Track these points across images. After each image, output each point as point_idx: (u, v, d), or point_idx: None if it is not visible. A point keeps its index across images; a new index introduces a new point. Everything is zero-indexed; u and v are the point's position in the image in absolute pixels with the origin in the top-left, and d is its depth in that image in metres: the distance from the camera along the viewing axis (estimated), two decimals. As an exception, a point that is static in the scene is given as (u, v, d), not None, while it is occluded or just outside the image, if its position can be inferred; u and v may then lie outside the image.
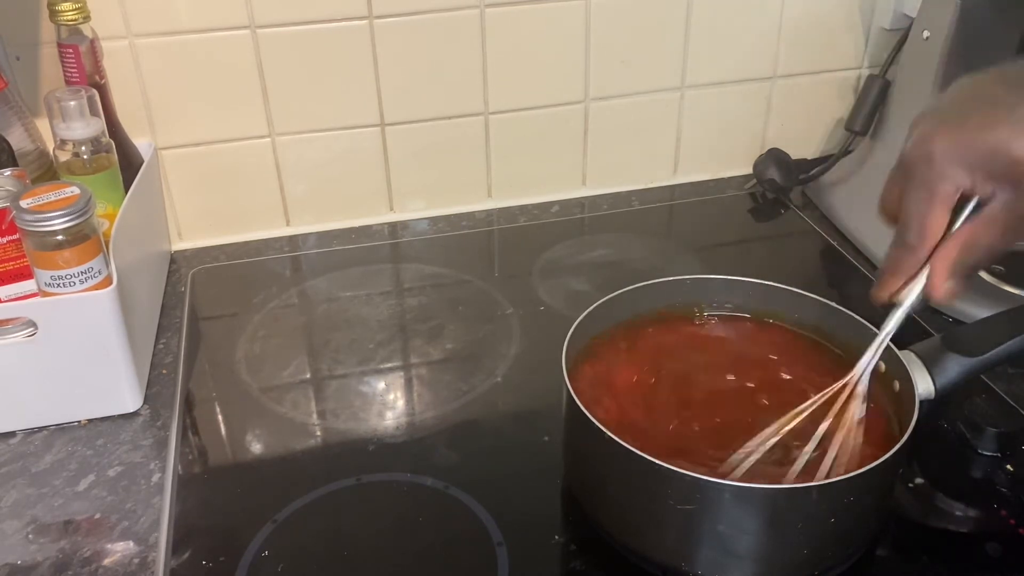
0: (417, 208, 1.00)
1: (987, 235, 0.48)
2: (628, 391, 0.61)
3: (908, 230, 0.50)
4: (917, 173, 0.48)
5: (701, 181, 1.06)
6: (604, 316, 0.64)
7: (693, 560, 0.53)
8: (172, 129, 0.89)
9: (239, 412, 0.73)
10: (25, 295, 0.69)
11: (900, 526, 0.60)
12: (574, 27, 0.94)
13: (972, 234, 0.48)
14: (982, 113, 0.46)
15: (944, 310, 0.80)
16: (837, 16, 1.00)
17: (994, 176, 0.46)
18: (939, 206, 0.48)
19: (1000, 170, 0.46)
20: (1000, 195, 0.47)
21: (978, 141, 0.46)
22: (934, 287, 0.50)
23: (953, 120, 0.48)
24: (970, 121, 0.47)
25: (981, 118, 0.46)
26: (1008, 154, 0.45)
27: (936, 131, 0.48)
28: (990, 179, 0.47)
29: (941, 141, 0.47)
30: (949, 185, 0.47)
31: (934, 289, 0.50)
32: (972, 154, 0.46)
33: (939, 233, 0.49)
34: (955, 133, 0.47)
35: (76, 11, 0.74)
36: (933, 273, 0.50)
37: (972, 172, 0.47)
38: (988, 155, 0.46)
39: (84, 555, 0.59)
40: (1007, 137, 0.45)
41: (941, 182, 0.47)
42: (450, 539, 0.60)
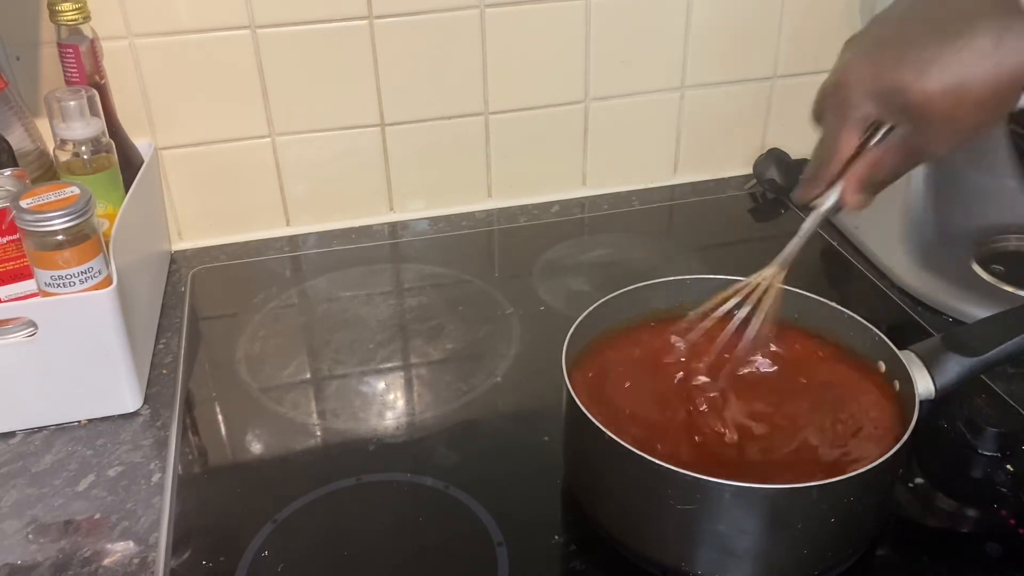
0: (417, 208, 1.00)
1: (890, 159, 0.53)
2: (628, 391, 0.61)
3: (823, 147, 0.55)
4: (835, 97, 0.54)
5: (701, 181, 1.06)
6: (604, 316, 0.64)
7: (693, 560, 0.53)
8: (172, 129, 0.89)
9: (239, 412, 0.73)
10: (25, 295, 0.69)
11: (900, 526, 0.60)
12: (574, 27, 0.94)
13: (879, 156, 0.53)
14: (895, 50, 0.50)
15: (944, 310, 0.80)
16: (837, 16, 1.00)
17: (896, 110, 0.51)
18: (848, 129, 0.53)
19: (899, 106, 0.50)
20: (901, 126, 0.51)
21: (886, 77, 0.50)
22: (846, 197, 0.56)
23: (871, 53, 0.52)
24: (885, 55, 0.51)
25: (893, 54, 0.50)
26: (908, 93, 0.49)
27: (855, 61, 0.53)
28: (893, 112, 0.51)
29: (857, 71, 0.52)
30: (858, 112, 0.52)
31: (846, 198, 0.56)
32: (879, 88, 0.51)
33: (847, 150, 0.54)
34: (869, 66, 0.51)
35: (76, 11, 0.74)
36: (846, 186, 0.55)
37: (878, 104, 0.51)
38: (891, 91, 0.50)
39: (84, 555, 0.59)
40: (911, 77, 0.49)
41: (851, 109, 0.52)
42: (450, 539, 0.60)
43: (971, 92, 0.48)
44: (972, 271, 0.82)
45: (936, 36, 0.49)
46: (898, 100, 0.50)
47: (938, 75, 0.48)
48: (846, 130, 0.53)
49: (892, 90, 0.50)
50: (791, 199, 1.02)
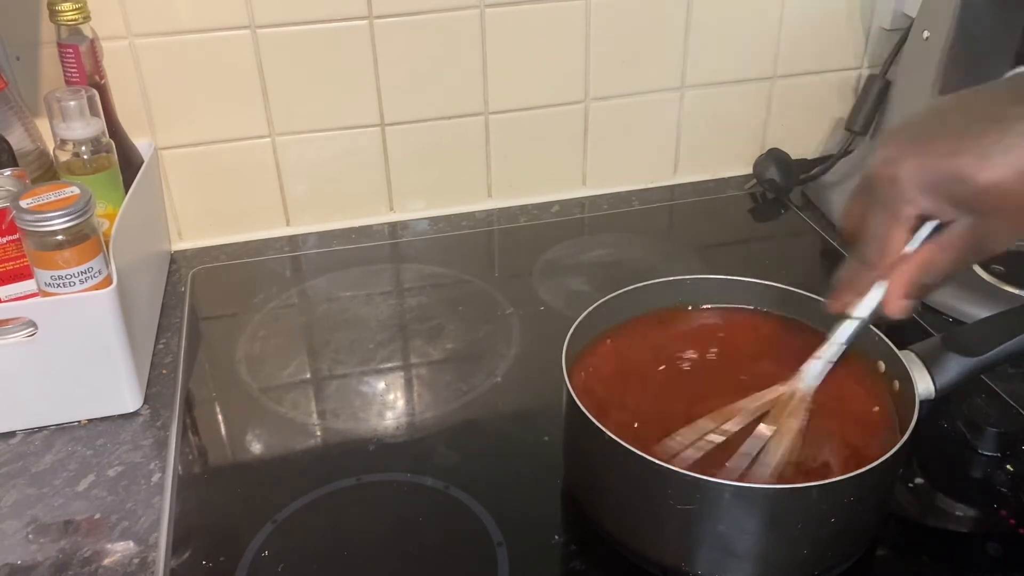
0: (417, 208, 1.00)
1: (944, 258, 0.49)
2: (628, 391, 0.61)
3: (868, 248, 0.51)
4: (881, 193, 0.50)
5: (701, 181, 1.06)
6: (604, 316, 0.64)
7: (693, 560, 0.53)
8: (172, 129, 0.89)
9: (239, 412, 0.73)
10: (25, 295, 0.69)
11: (900, 526, 0.60)
12: (574, 27, 0.94)
13: (930, 256, 0.50)
14: (948, 138, 0.47)
15: (944, 310, 0.80)
16: (837, 16, 1.00)
17: (956, 202, 0.47)
18: (900, 227, 0.49)
19: (962, 197, 0.47)
20: (960, 221, 0.48)
21: (943, 167, 0.47)
22: (890, 304, 0.51)
23: (920, 143, 0.49)
24: (936, 146, 0.48)
25: (947, 143, 0.47)
26: (971, 182, 0.46)
27: (902, 153, 0.49)
28: (952, 205, 0.48)
29: (907, 164, 0.48)
30: (911, 208, 0.49)
31: (890, 306, 0.51)
32: (936, 179, 0.47)
33: (898, 251, 0.50)
34: (921, 157, 0.48)
35: (76, 11, 0.74)
36: (890, 290, 0.51)
37: (935, 197, 0.48)
38: (951, 181, 0.47)
39: (84, 555, 0.59)
40: (971, 165, 0.46)
41: (904, 204, 0.49)
42: (450, 539, 0.60)
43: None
44: (972, 271, 0.82)
45: (993, 121, 0.46)
46: (961, 190, 0.46)
47: (1004, 159, 0.45)
48: (896, 229, 0.49)
49: (953, 180, 0.46)
50: (791, 199, 1.02)
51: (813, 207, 1.01)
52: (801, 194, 1.03)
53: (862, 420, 0.58)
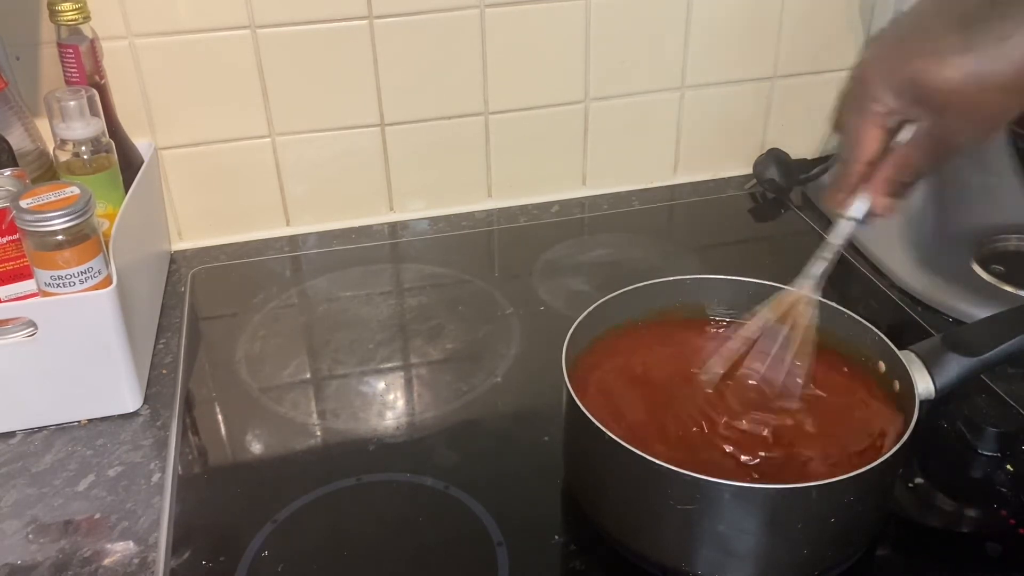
0: (417, 208, 1.00)
1: (915, 157, 0.51)
2: (628, 391, 0.61)
3: (845, 146, 0.54)
4: (854, 94, 0.53)
5: (701, 181, 1.06)
6: (604, 316, 0.64)
7: (693, 560, 0.53)
8: (172, 129, 0.89)
9: (239, 412, 0.73)
10: (25, 295, 0.69)
11: (900, 526, 0.60)
12: (574, 27, 0.94)
13: (903, 155, 0.52)
14: (915, 40, 0.50)
15: (944, 310, 0.80)
16: (837, 16, 1.00)
17: (916, 102, 0.50)
18: (870, 125, 0.52)
19: (920, 97, 0.49)
20: (924, 120, 0.50)
21: (905, 68, 0.49)
22: (875, 201, 0.54)
23: (890, 47, 0.51)
24: (902, 49, 0.50)
25: (912, 46, 0.50)
26: (927, 82, 0.48)
27: (874, 56, 0.52)
28: (914, 104, 0.50)
29: (876, 66, 0.51)
30: (879, 106, 0.51)
31: (875, 202, 0.54)
32: (898, 80, 0.50)
33: (872, 149, 0.52)
34: (888, 60, 0.51)
35: (76, 11, 0.74)
36: (875, 191, 0.53)
37: (899, 96, 0.50)
38: (911, 82, 0.49)
39: (84, 555, 0.59)
40: (929, 67, 0.48)
41: (871, 103, 0.51)
42: (450, 539, 0.60)
43: (993, 77, 0.47)
44: (972, 271, 0.82)
45: (954, 25, 0.48)
46: (918, 90, 0.49)
47: (958, 62, 0.47)
48: (867, 127, 0.52)
49: (911, 81, 0.49)
50: (791, 199, 1.02)
51: (813, 207, 1.00)
52: (801, 194, 1.03)
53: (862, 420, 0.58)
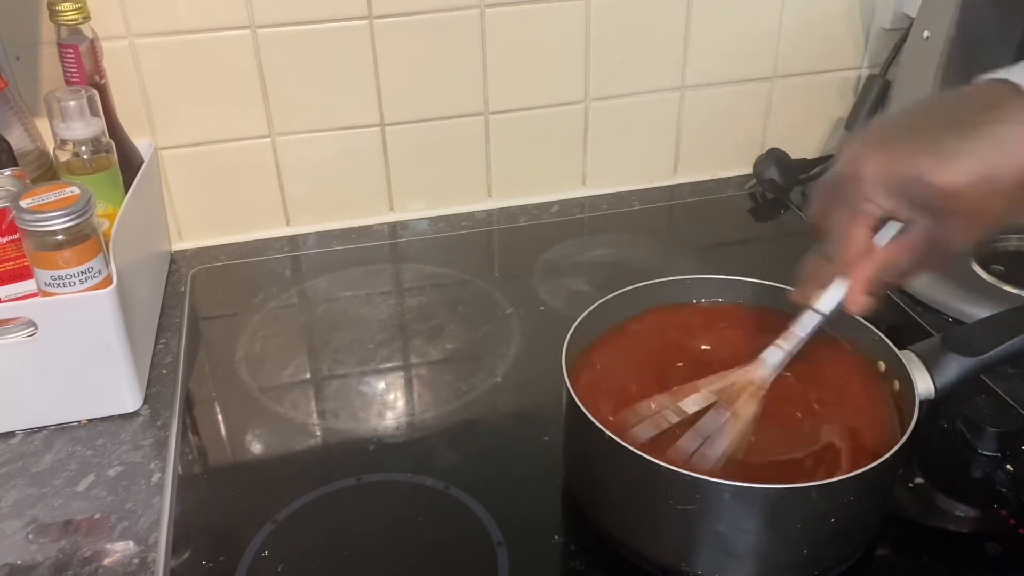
0: (417, 208, 1.00)
1: (904, 258, 0.50)
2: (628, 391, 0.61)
3: (831, 244, 0.52)
4: (844, 192, 0.51)
5: (701, 181, 1.06)
6: (604, 316, 0.64)
7: (693, 560, 0.53)
8: (172, 129, 0.89)
9: (239, 412, 0.73)
10: (25, 295, 0.69)
11: (900, 526, 0.60)
12: (574, 27, 0.94)
13: (891, 255, 0.51)
14: (911, 140, 0.48)
15: (944, 310, 0.80)
16: (837, 16, 1.00)
17: (914, 203, 0.48)
18: (861, 225, 0.51)
19: (920, 199, 0.48)
20: (919, 222, 0.49)
21: (903, 169, 0.48)
22: (851, 300, 0.52)
23: (883, 145, 0.50)
24: (899, 147, 0.49)
25: (910, 145, 0.48)
26: (928, 184, 0.47)
27: (866, 154, 0.50)
28: (910, 205, 0.49)
29: (870, 163, 0.49)
30: (872, 207, 0.50)
31: (851, 302, 0.52)
32: (896, 180, 0.48)
33: (859, 250, 0.51)
34: (883, 157, 0.49)
35: (76, 11, 0.74)
36: (852, 287, 0.52)
37: (895, 197, 0.49)
38: (910, 183, 0.48)
39: (84, 555, 0.59)
40: (929, 168, 0.47)
41: (864, 203, 0.50)
42: (450, 539, 0.60)
43: (998, 182, 0.46)
44: (972, 271, 0.82)
45: (955, 127, 0.47)
46: (919, 192, 0.47)
47: (963, 165, 0.46)
48: (857, 227, 0.50)
49: (912, 181, 0.47)
50: (791, 199, 1.02)
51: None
52: (801, 194, 1.03)
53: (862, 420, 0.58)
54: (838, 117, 1.05)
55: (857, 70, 1.03)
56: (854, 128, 0.97)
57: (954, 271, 0.82)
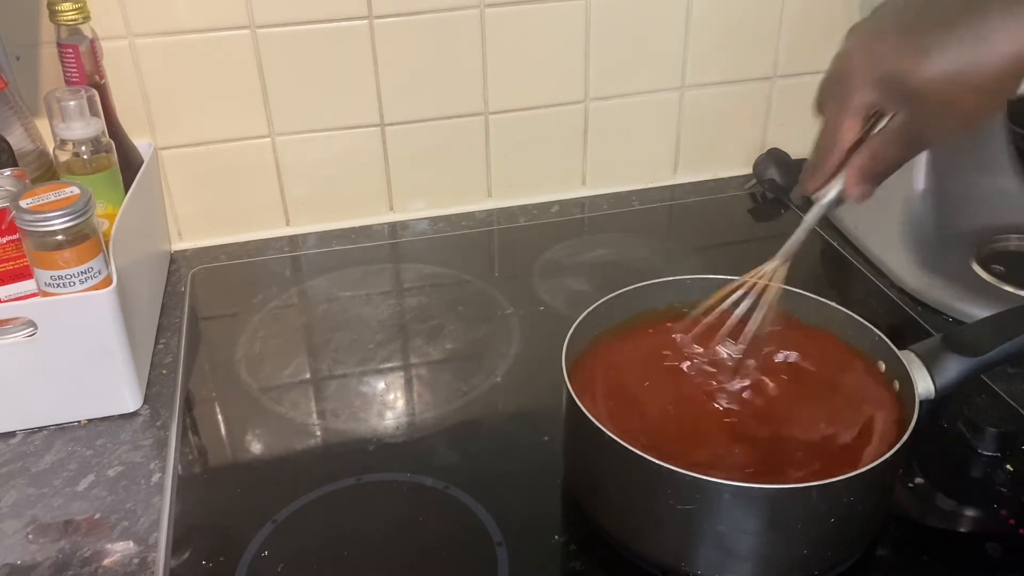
0: (417, 208, 1.00)
1: (891, 148, 0.52)
2: (628, 391, 0.61)
3: (824, 135, 0.55)
4: (835, 84, 0.54)
5: (701, 181, 1.06)
6: (604, 316, 0.64)
7: (693, 560, 0.53)
8: (172, 129, 0.89)
9: (239, 412, 0.73)
10: (25, 295, 0.69)
11: (900, 526, 0.60)
12: (574, 27, 0.94)
13: (879, 145, 0.53)
14: (897, 34, 0.50)
15: (944, 310, 0.80)
16: (837, 16, 1.00)
17: (896, 97, 0.50)
18: (848, 116, 0.53)
19: (899, 91, 0.50)
20: (901, 114, 0.51)
21: (886, 63, 0.50)
22: (848, 188, 0.55)
23: (871, 40, 0.52)
24: (884, 43, 0.51)
25: (895, 39, 0.50)
26: (907, 78, 0.49)
27: (856, 49, 0.52)
28: (893, 98, 0.51)
29: (857, 59, 0.52)
30: (857, 99, 0.52)
31: (848, 190, 0.55)
32: (879, 75, 0.51)
33: (849, 139, 0.53)
34: (869, 54, 0.51)
35: (76, 11, 0.74)
36: (847, 177, 0.55)
37: (878, 90, 0.51)
38: (891, 77, 0.50)
39: (84, 555, 0.59)
40: (910, 62, 0.49)
41: (851, 95, 0.52)
42: (450, 539, 0.60)
43: (970, 77, 0.47)
44: (972, 271, 0.82)
45: (936, 21, 0.48)
46: (897, 86, 0.49)
47: (937, 60, 0.48)
48: (846, 118, 0.53)
49: (891, 76, 0.50)
50: (791, 198, 1.02)
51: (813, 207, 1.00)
52: (801, 194, 1.03)
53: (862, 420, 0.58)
54: (838, 117, 1.05)
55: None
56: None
57: (954, 271, 0.83)
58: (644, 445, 0.52)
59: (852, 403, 0.59)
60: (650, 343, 0.65)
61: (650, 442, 0.56)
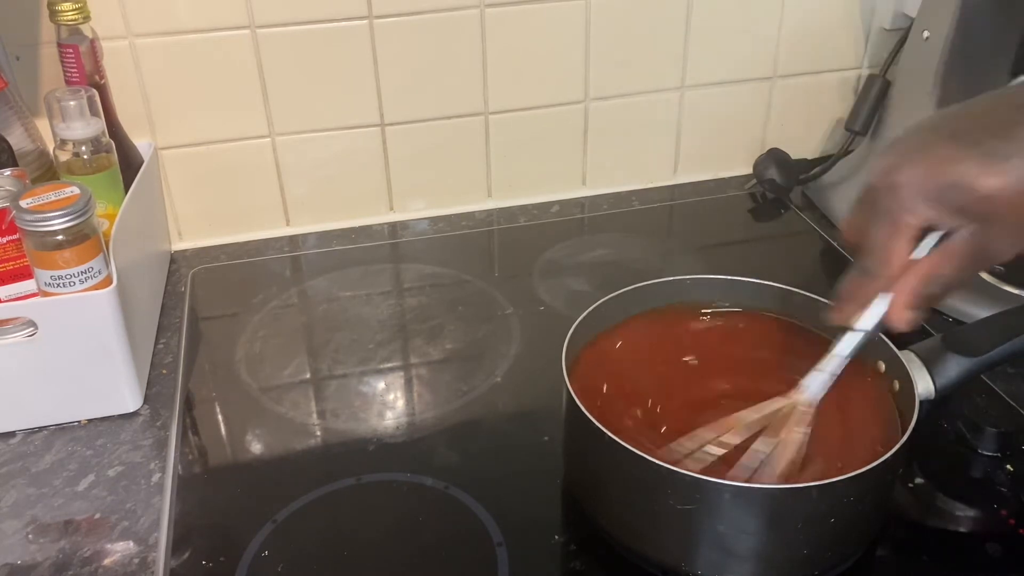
0: (417, 208, 1.00)
1: (949, 267, 0.49)
2: (628, 391, 0.61)
3: (871, 259, 0.50)
4: (882, 204, 0.49)
5: (701, 181, 1.06)
6: (604, 316, 0.64)
7: (693, 560, 0.53)
8: (172, 129, 0.89)
9: (239, 412, 0.73)
10: (25, 295, 0.69)
11: (900, 526, 0.60)
12: (574, 27, 0.94)
13: (934, 266, 0.49)
14: (949, 145, 0.47)
15: (944, 310, 0.80)
16: (837, 16, 1.00)
17: (957, 210, 0.47)
18: (903, 237, 0.49)
19: (964, 204, 0.46)
20: (963, 229, 0.47)
21: (943, 174, 0.46)
22: (895, 316, 0.50)
23: (919, 152, 0.48)
24: (936, 154, 0.47)
25: (948, 150, 0.46)
26: (972, 189, 0.45)
27: (902, 162, 0.48)
28: (953, 213, 0.47)
29: (907, 173, 0.48)
30: (913, 217, 0.48)
31: (895, 318, 0.50)
32: (937, 187, 0.47)
33: (901, 262, 0.49)
34: (921, 165, 0.47)
35: (76, 11, 0.74)
36: (895, 302, 0.50)
37: (936, 205, 0.47)
38: (952, 189, 0.46)
39: (84, 555, 0.59)
40: (971, 171, 0.45)
41: (905, 214, 0.48)
42: (450, 539, 0.60)
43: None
44: (972, 271, 0.82)
45: (994, 129, 0.45)
46: (963, 198, 0.46)
47: (1006, 166, 0.44)
48: (898, 239, 0.48)
49: (954, 187, 0.46)
50: (791, 199, 1.02)
51: (813, 207, 1.01)
52: (801, 194, 1.03)
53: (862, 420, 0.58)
54: (838, 117, 1.05)
55: (857, 70, 1.03)
56: (856, 126, 0.96)
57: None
58: (644, 445, 0.52)
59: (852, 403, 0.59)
60: (650, 343, 0.65)
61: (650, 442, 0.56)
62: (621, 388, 0.61)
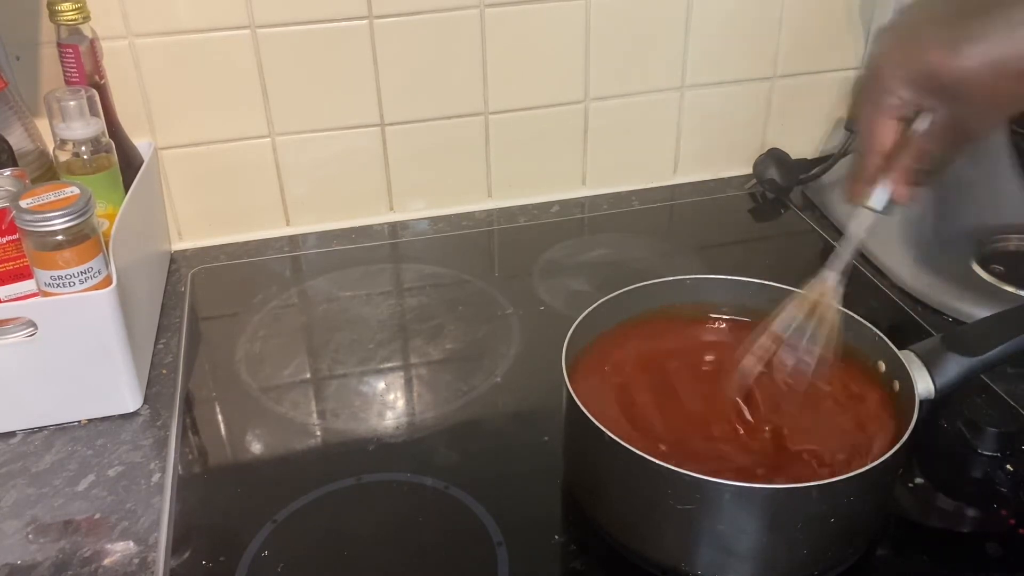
0: (417, 208, 1.00)
1: (933, 145, 0.52)
2: (628, 391, 0.61)
3: (861, 138, 0.54)
4: (868, 87, 0.53)
5: (701, 181, 1.06)
6: (604, 316, 0.64)
7: (693, 560, 0.53)
8: (172, 129, 0.89)
9: (239, 412, 0.73)
10: (25, 295, 0.69)
11: (900, 526, 0.60)
12: (574, 27, 0.94)
13: (921, 145, 0.52)
14: (926, 31, 0.50)
15: (944, 310, 0.80)
16: (837, 16, 1.00)
17: (932, 92, 0.50)
18: (884, 117, 0.52)
19: (934, 88, 0.49)
20: (939, 110, 0.50)
21: (918, 60, 0.50)
22: (896, 190, 0.54)
23: (902, 38, 0.51)
24: (915, 39, 0.50)
25: (925, 36, 0.50)
26: (942, 72, 0.49)
27: (886, 48, 0.52)
28: (929, 94, 0.50)
29: (889, 58, 0.52)
30: (892, 99, 0.51)
31: (896, 192, 0.54)
32: (911, 72, 0.50)
33: (887, 141, 0.53)
34: (901, 51, 0.51)
35: (76, 11, 0.74)
36: (895, 180, 0.54)
37: (913, 88, 0.51)
38: (926, 73, 0.49)
39: (84, 555, 0.59)
40: (941, 56, 0.48)
41: (885, 96, 0.52)
42: (450, 539, 0.60)
43: (1008, 64, 0.47)
44: (972, 271, 0.82)
45: (970, 13, 0.48)
46: (933, 81, 0.49)
47: (972, 50, 0.47)
48: (883, 119, 0.52)
49: (926, 71, 0.49)
50: (791, 199, 1.02)
51: (813, 207, 1.01)
52: (801, 194, 1.03)
53: (862, 420, 0.58)
54: (838, 117, 1.05)
55: (857, 70, 1.03)
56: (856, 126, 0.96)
57: (954, 271, 0.83)
58: (644, 445, 0.52)
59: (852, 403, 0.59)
60: (650, 343, 0.65)
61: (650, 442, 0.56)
62: (621, 388, 0.61)
